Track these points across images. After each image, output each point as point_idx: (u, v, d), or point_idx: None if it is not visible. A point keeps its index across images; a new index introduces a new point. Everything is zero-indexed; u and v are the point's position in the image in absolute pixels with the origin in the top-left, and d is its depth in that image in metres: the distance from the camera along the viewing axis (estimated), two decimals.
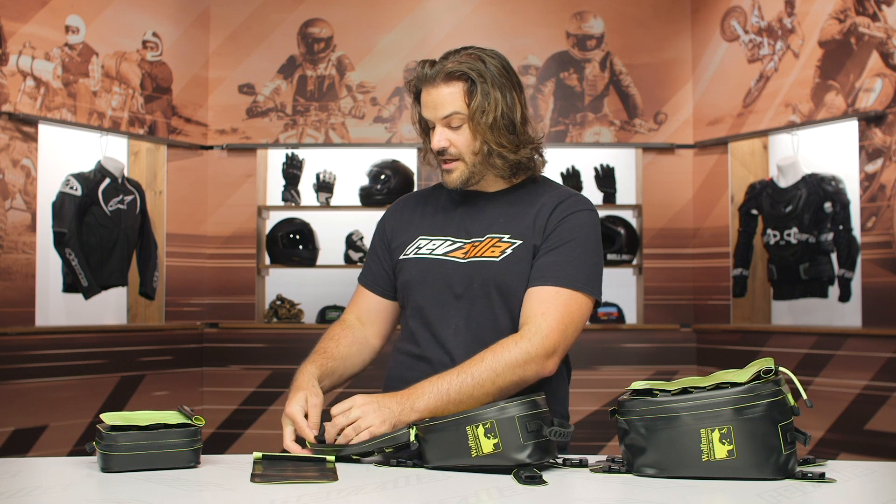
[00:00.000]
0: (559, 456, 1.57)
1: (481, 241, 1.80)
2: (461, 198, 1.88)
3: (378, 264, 1.95)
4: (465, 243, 1.82)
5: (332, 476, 1.49)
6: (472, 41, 5.29)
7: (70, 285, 4.39)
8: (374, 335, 1.95)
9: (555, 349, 1.69)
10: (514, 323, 1.77)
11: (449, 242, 1.83)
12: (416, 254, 1.85)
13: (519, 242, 1.78)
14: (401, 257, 1.88)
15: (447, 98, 1.76)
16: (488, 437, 1.47)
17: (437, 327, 1.80)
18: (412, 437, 1.56)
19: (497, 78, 1.76)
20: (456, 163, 1.80)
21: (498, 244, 1.78)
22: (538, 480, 1.42)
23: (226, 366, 4.98)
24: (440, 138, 1.78)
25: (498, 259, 1.77)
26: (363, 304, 1.96)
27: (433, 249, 1.83)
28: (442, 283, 1.80)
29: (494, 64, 1.77)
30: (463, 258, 1.80)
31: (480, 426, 1.48)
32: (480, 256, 1.78)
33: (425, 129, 1.86)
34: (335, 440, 1.62)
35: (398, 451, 1.59)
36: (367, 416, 1.61)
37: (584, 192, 4.88)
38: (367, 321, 1.95)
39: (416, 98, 1.84)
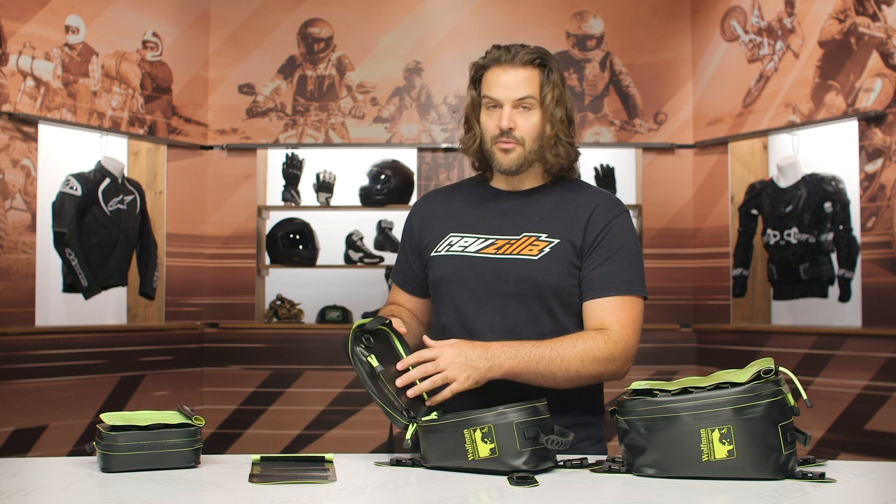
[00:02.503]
0: (560, 459, 1.57)
1: (517, 240, 1.82)
2: (491, 195, 1.91)
3: (407, 263, 1.98)
4: (498, 240, 1.83)
5: (331, 476, 1.49)
6: (472, 41, 5.29)
7: (70, 285, 4.39)
8: (418, 325, 2.00)
9: (632, 356, 1.80)
10: (551, 319, 1.80)
11: (482, 240, 1.84)
12: (447, 251, 1.86)
13: (556, 241, 1.81)
14: (432, 254, 1.89)
15: (525, 80, 1.81)
16: (485, 442, 1.48)
17: (472, 324, 1.82)
18: (408, 435, 1.57)
19: (561, 75, 1.85)
20: (516, 145, 1.82)
21: (535, 243, 1.81)
22: (530, 481, 1.42)
23: (226, 366, 4.98)
24: (509, 118, 1.81)
25: (536, 258, 1.79)
26: (400, 300, 2.00)
27: (465, 247, 1.85)
28: (476, 280, 1.81)
29: (557, 63, 1.86)
30: (496, 254, 1.81)
31: (478, 430, 1.48)
32: (517, 254, 1.80)
33: (476, 113, 1.88)
34: (401, 386, 1.62)
35: (398, 446, 1.61)
36: (452, 369, 1.62)
37: None
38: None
39: (474, 82, 1.87)
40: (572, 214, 1.84)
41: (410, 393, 1.63)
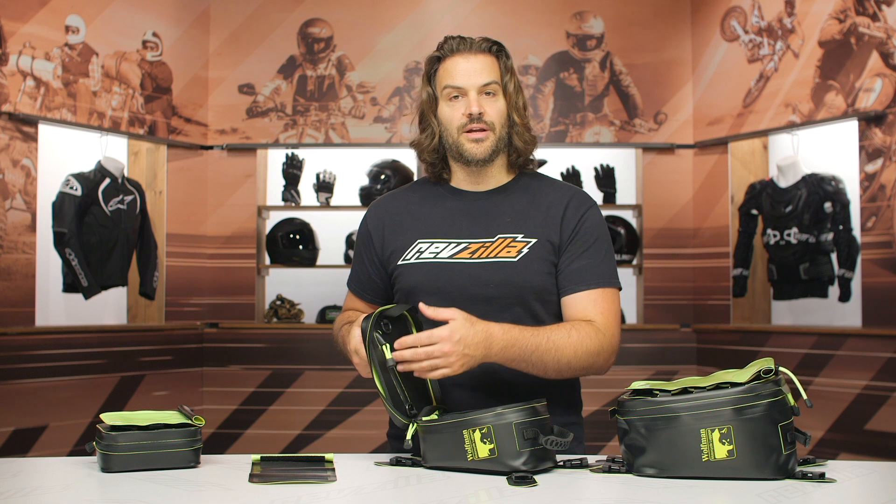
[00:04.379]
0: (560, 459, 1.57)
1: (492, 242, 1.80)
2: (455, 197, 1.87)
3: (364, 272, 1.94)
4: (472, 243, 1.80)
5: (331, 476, 1.49)
6: None
7: (70, 285, 4.39)
8: None
9: (617, 349, 1.77)
10: (534, 320, 1.78)
11: (453, 245, 1.81)
12: (417, 259, 1.82)
13: (533, 241, 1.79)
14: (399, 263, 1.85)
15: (487, 67, 1.80)
16: (484, 442, 1.47)
17: None
18: (409, 436, 1.57)
19: (513, 66, 1.85)
20: (488, 132, 1.80)
21: (513, 244, 1.79)
22: (528, 481, 1.42)
23: (226, 366, 4.98)
24: (478, 103, 1.78)
25: (515, 259, 1.77)
26: (359, 307, 1.98)
27: (437, 253, 1.81)
28: (454, 287, 1.78)
29: (508, 52, 1.87)
30: (472, 259, 1.79)
31: (477, 431, 1.48)
32: (495, 257, 1.78)
33: (433, 109, 1.84)
34: (396, 363, 1.56)
35: (400, 442, 1.60)
36: (450, 357, 1.56)
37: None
38: None
39: (429, 76, 1.85)
40: (545, 212, 1.82)
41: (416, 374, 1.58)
